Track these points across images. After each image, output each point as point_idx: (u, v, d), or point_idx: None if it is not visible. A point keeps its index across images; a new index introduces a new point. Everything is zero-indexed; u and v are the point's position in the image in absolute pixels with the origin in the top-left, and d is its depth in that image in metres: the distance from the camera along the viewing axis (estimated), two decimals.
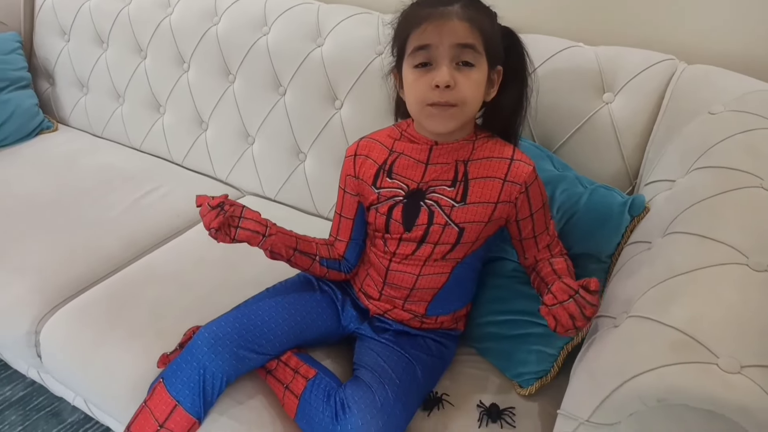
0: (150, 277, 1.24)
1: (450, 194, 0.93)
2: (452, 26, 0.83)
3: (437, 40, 0.83)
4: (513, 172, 0.92)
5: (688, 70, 1.09)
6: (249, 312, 0.98)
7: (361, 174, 0.99)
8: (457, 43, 0.83)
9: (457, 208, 0.93)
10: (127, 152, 1.75)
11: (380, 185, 0.97)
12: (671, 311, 0.70)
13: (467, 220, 0.93)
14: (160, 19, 1.62)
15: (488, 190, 0.92)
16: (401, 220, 0.95)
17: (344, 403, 0.88)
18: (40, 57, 1.91)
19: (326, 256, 1.06)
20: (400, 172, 0.96)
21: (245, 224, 0.97)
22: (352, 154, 1.01)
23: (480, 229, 0.94)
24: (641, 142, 1.11)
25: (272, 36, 1.46)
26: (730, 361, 0.63)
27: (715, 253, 0.75)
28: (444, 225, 0.93)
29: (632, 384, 0.66)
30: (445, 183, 0.93)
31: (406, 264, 0.98)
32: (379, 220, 0.97)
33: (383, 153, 0.98)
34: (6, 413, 1.43)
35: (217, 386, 0.93)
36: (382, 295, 1.03)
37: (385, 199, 0.96)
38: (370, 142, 1.01)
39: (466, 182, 0.93)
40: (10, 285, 1.23)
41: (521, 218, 0.95)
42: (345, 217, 1.04)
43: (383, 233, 0.98)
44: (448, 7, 0.84)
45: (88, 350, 1.11)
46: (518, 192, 0.92)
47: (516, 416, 0.96)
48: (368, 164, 0.99)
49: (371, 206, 0.99)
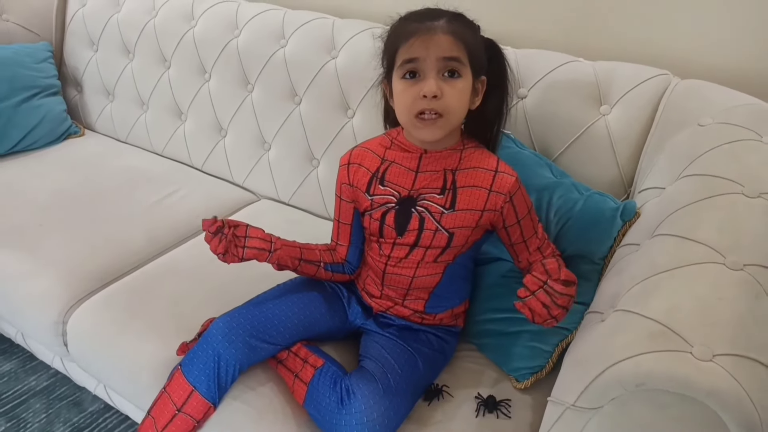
0: (170, 272, 1.32)
1: (439, 201, 0.99)
2: (438, 40, 0.89)
3: (424, 54, 0.90)
4: (498, 183, 0.98)
5: (681, 84, 1.15)
6: (261, 305, 1.05)
7: (355, 182, 1.05)
8: (443, 56, 0.90)
9: (446, 214, 0.99)
10: (150, 156, 1.84)
11: (373, 192, 1.03)
12: (651, 304, 0.75)
13: (456, 225, 0.99)
14: (184, 31, 1.71)
15: (475, 198, 0.98)
16: (394, 226, 1.01)
17: (349, 389, 0.94)
18: (69, 66, 2.01)
19: (329, 261, 1.12)
20: (392, 179, 1.01)
21: (251, 243, 1.01)
22: (345, 163, 1.07)
23: (468, 234, 1.00)
24: (635, 152, 1.16)
25: (289, 48, 1.54)
26: (703, 350, 0.68)
27: (695, 252, 0.80)
28: (435, 230, 0.99)
29: (613, 370, 0.71)
30: (435, 191, 0.99)
31: (401, 267, 1.04)
32: (373, 225, 1.03)
33: (375, 161, 1.04)
34: (31, 401, 1.50)
35: (231, 373, 0.99)
36: (383, 294, 1.09)
37: (378, 205, 1.02)
38: (362, 150, 1.06)
39: (455, 190, 0.98)
40: (39, 276, 1.31)
41: (509, 225, 1.01)
42: (343, 222, 1.11)
43: (377, 237, 1.04)
44: (434, 22, 0.90)
45: (112, 339, 1.19)
46: (503, 201, 0.98)
47: (512, 408, 1.01)
48: (361, 172, 1.04)
49: (365, 212, 1.04)
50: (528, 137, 1.24)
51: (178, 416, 0.98)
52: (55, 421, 1.46)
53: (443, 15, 0.92)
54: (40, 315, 1.28)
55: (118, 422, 1.45)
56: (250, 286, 1.17)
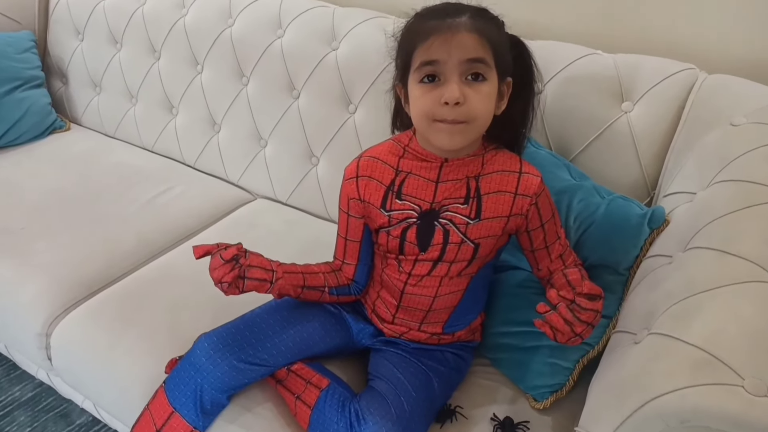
0: (165, 278, 1.24)
1: (464, 212, 0.90)
2: (461, 39, 0.79)
3: (445, 56, 0.80)
4: (523, 185, 0.90)
5: (709, 79, 1.07)
6: (252, 323, 0.96)
7: (366, 197, 0.95)
8: (466, 58, 0.80)
9: (472, 225, 0.90)
10: (139, 152, 1.75)
11: (390, 208, 0.93)
12: (693, 329, 0.69)
13: (482, 235, 0.91)
14: (174, 19, 1.61)
15: (500, 204, 0.90)
16: (416, 242, 0.92)
17: (359, 413, 0.87)
18: (53, 56, 1.91)
19: (335, 284, 1.02)
20: (410, 192, 0.92)
21: (252, 273, 0.91)
22: (353, 176, 0.95)
23: (494, 243, 0.93)
24: (660, 153, 1.09)
25: (287, 39, 1.45)
26: (756, 383, 0.62)
27: (737, 269, 0.74)
28: (460, 243, 0.91)
29: (654, 404, 0.65)
30: (458, 201, 0.90)
31: (422, 286, 0.95)
32: (392, 243, 0.94)
33: (389, 173, 0.94)
34: (15, 413, 1.43)
35: (216, 397, 0.92)
36: (396, 319, 1.00)
37: (397, 221, 0.93)
38: (371, 161, 0.95)
39: (479, 198, 0.90)
40: (22, 285, 1.23)
41: (532, 229, 0.93)
42: (351, 240, 1.00)
43: (397, 255, 0.95)
44: (456, 19, 0.80)
45: (99, 354, 1.11)
46: (528, 204, 0.90)
47: (530, 431, 0.95)
48: (373, 186, 0.94)
49: (381, 229, 0.95)
50: (544, 136, 1.17)
51: None
52: None
53: (465, 10, 0.82)
54: (23, 326, 1.20)
55: None
56: (249, 295, 1.09)
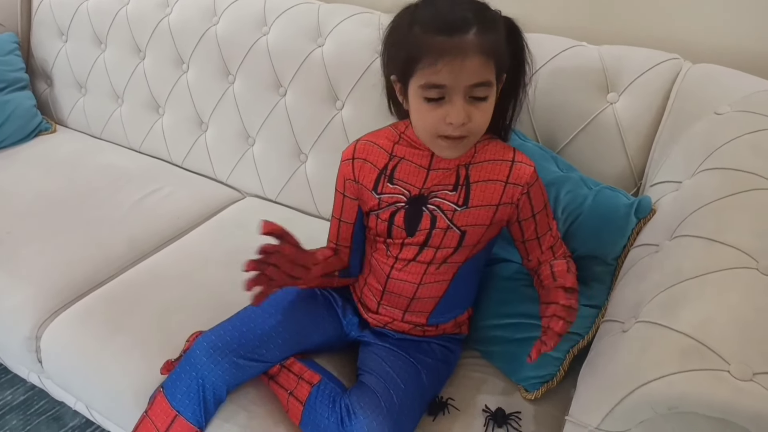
0: (154, 280, 1.23)
1: (452, 198, 0.91)
2: (469, 65, 0.79)
3: (453, 82, 0.80)
4: (515, 174, 0.91)
5: (693, 69, 1.08)
6: (248, 320, 0.97)
7: (360, 178, 0.97)
8: (473, 84, 0.81)
9: (459, 212, 0.91)
10: (127, 153, 1.73)
11: (381, 191, 0.95)
12: (680, 317, 0.69)
13: (469, 223, 0.92)
14: (158, 19, 1.60)
15: (490, 193, 0.91)
16: (404, 226, 0.94)
17: (350, 408, 0.87)
18: (37, 58, 1.89)
19: (340, 267, 1.03)
20: (401, 177, 0.94)
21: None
22: (350, 158, 0.98)
23: (482, 232, 0.93)
24: (646, 143, 1.09)
25: (272, 36, 1.44)
26: (742, 368, 0.62)
27: (724, 257, 0.74)
28: (446, 229, 0.92)
29: (643, 391, 0.66)
30: (447, 188, 0.91)
31: (407, 271, 0.96)
32: (381, 226, 0.95)
33: (383, 157, 0.95)
34: (7, 417, 1.42)
35: (218, 395, 0.92)
36: (380, 307, 1.01)
37: (387, 204, 0.94)
38: (367, 144, 0.97)
39: (468, 186, 0.91)
40: (10, 289, 1.22)
41: (523, 219, 0.94)
42: (345, 221, 1.02)
43: (385, 238, 0.96)
44: (464, 37, 0.78)
45: (90, 356, 1.10)
46: (520, 193, 0.91)
47: (522, 421, 0.95)
48: (367, 168, 0.96)
49: (371, 212, 0.96)
50: (531, 128, 1.17)
51: None
52: None
53: (471, 22, 0.79)
54: (11, 330, 1.19)
55: None
56: (242, 294, 1.08)
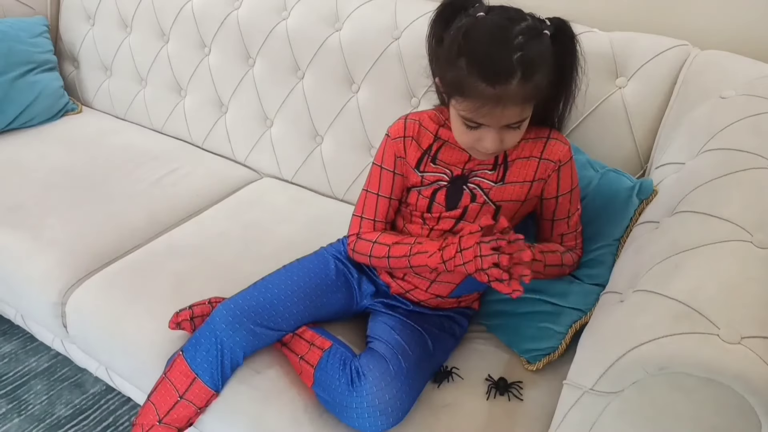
0: (172, 252, 1.29)
1: (491, 177, 0.96)
2: (507, 113, 0.83)
3: (490, 122, 0.84)
4: (548, 150, 0.95)
5: (700, 55, 1.10)
6: (265, 290, 1.01)
7: (407, 156, 1.00)
8: (508, 124, 0.85)
9: (495, 187, 0.96)
10: (149, 134, 1.79)
11: (424, 169, 0.99)
12: (673, 284, 0.72)
13: (504, 198, 0.96)
14: (182, 3, 1.65)
15: (525, 169, 0.96)
16: (444, 203, 0.98)
17: (359, 371, 0.92)
18: (65, 41, 1.95)
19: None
20: (444, 158, 0.98)
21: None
22: (400, 135, 0.99)
23: (516, 208, 0.98)
24: (653, 126, 1.12)
25: (291, 20, 1.48)
26: (731, 332, 0.65)
27: (719, 230, 0.77)
28: (482, 203, 0.97)
29: (635, 353, 0.69)
30: (487, 167, 0.96)
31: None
32: (422, 202, 1.00)
33: (428, 138, 0.99)
34: (32, 383, 1.48)
35: (235, 361, 0.97)
36: (407, 275, 1.05)
37: (429, 183, 0.99)
38: (415, 124, 0.99)
39: (506, 164, 0.96)
40: (38, 256, 1.28)
41: (546, 197, 0.98)
42: (395, 199, 1.03)
43: (423, 212, 1.01)
44: (507, 87, 0.80)
45: (112, 320, 1.16)
46: (552, 170, 0.95)
47: (523, 390, 0.99)
48: (414, 146, 0.99)
49: (413, 188, 1.01)
50: None
51: (180, 403, 0.96)
52: (57, 402, 1.44)
53: (514, 71, 0.79)
54: (39, 296, 1.25)
55: (120, 404, 1.43)
56: (255, 265, 1.14)
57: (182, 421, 0.97)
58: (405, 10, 1.36)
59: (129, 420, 1.40)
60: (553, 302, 1.03)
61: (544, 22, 0.86)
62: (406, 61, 1.34)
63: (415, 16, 1.34)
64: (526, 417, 0.95)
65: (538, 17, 0.86)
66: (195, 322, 1.05)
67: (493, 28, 0.82)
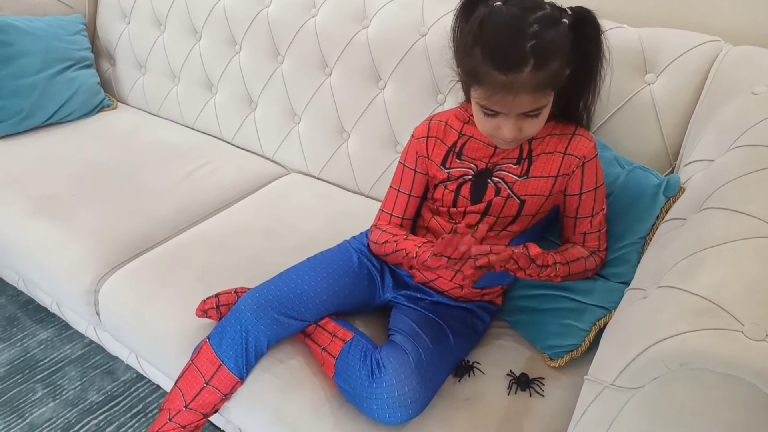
0: (200, 243, 1.32)
1: (515, 171, 0.97)
2: (520, 101, 0.83)
3: (505, 110, 0.86)
4: (573, 146, 0.95)
5: (732, 51, 1.08)
6: (290, 281, 1.03)
7: (432, 155, 1.03)
8: (524, 112, 0.86)
9: (519, 181, 0.97)
10: (181, 129, 1.84)
11: (449, 166, 1.01)
12: (697, 280, 0.71)
13: (528, 192, 0.97)
14: (214, 2, 1.69)
15: (550, 164, 0.96)
16: (469, 197, 1.00)
17: (380, 362, 0.93)
18: (102, 39, 2.01)
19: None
20: (469, 154, 1.00)
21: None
22: (424, 136, 1.03)
23: (540, 203, 0.98)
24: (682, 123, 1.11)
25: (320, 18, 1.50)
26: (755, 328, 0.64)
27: (745, 226, 0.75)
28: (507, 198, 0.97)
29: (656, 348, 0.68)
30: (512, 161, 0.97)
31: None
32: (447, 197, 1.02)
33: (453, 135, 1.02)
34: (66, 369, 1.53)
35: (259, 349, 0.99)
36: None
37: (455, 178, 1.01)
38: (440, 124, 1.03)
39: (530, 158, 0.97)
40: (72, 246, 1.32)
41: (569, 194, 0.98)
42: (415, 196, 1.08)
43: (449, 207, 1.02)
44: (519, 76, 0.81)
45: (142, 308, 1.19)
46: (576, 166, 0.95)
47: (545, 386, 0.98)
48: (439, 145, 1.02)
49: (439, 183, 1.03)
50: None
51: (206, 389, 0.98)
52: (90, 388, 1.48)
53: (527, 59, 0.80)
54: (73, 284, 1.29)
55: (149, 391, 1.47)
56: (279, 257, 1.15)
57: (208, 407, 1.00)
58: (432, 6, 1.37)
59: (158, 407, 1.43)
60: (577, 299, 1.02)
61: (565, 11, 0.86)
62: (432, 57, 1.34)
63: (443, 13, 1.34)
64: (546, 413, 0.95)
65: (559, 6, 0.86)
66: (221, 310, 1.07)
67: (508, 17, 0.82)
